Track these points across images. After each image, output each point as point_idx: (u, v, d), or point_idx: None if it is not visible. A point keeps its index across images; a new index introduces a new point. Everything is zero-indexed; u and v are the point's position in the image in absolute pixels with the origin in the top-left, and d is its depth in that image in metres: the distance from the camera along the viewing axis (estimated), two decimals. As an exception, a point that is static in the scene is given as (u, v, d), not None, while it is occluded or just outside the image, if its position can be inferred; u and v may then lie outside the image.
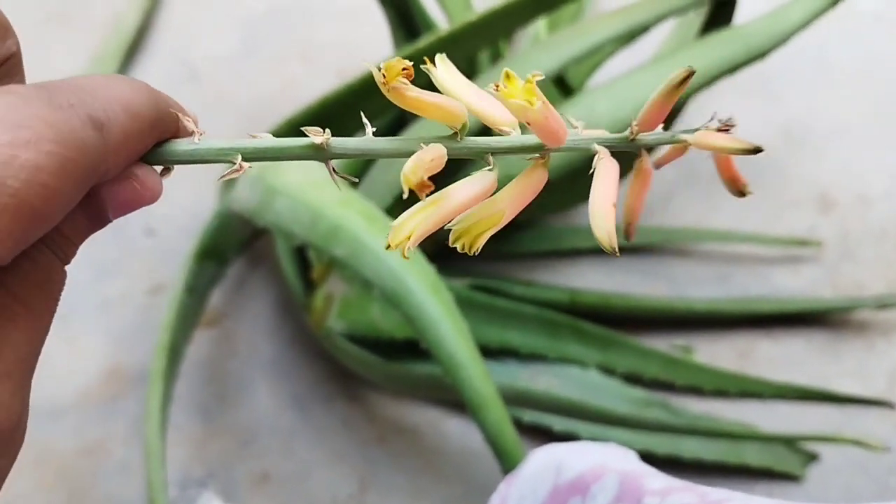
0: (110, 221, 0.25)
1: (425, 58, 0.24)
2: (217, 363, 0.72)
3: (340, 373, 0.71)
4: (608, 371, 0.69)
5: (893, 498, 0.66)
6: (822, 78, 0.86)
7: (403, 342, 0.65)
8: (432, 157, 0.24)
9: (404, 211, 0.24)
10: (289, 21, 0.92)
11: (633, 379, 0.70)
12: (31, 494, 0.66)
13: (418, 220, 0.23)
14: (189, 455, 0.68)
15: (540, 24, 0.76)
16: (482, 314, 0.67)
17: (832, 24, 0.71)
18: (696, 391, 0.70)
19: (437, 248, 0.68)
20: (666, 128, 0.70)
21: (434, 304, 0.49)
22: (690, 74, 0.24)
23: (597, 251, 0.77)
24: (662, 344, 0.73)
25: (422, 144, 0.24)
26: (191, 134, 0.25)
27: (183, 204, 0.80)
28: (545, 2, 0.62)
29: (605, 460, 0.41)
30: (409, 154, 0.24)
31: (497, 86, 0.23)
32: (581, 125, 0.25)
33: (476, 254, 0.24)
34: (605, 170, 0.25)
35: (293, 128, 0.67)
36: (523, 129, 0.25)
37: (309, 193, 0.52)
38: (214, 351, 0.73)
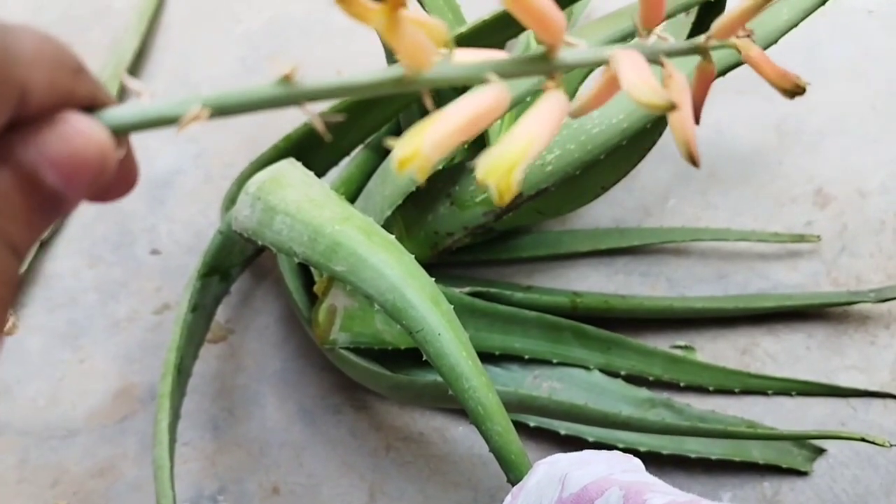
0: (59, 205, 0.20)
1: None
2: (225, 378, 0.73)
3: (346, 384, 0.72)
4: (611, 373, 0.70)
5: None
6: (816, 75, 0.86)
7: (407, 352, 0.66)
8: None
9: (402, 221, 0.23)
10: (286, 39, 0.93)
11: (636, 379, 0.70)
12: (46, 515, 0.67)
13: (424, 131, 0.20)
14: (201, 470, 0.69)
15: (530, 34, 0.77)
16: (483, 321, 0.67)
17: (824, 20, 0.71)
18: (699, 389, 0.71)
19: (437, 257, 0.69)
20: (660, 131, 0.70)
21: (434, 316, 0.49)
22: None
23: (596, 254, 0.77)
24: (664, 344, 0.73)
25: (404, 73, 0.21)
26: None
27: (187, 222, 0.81)
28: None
29: (610, 471, 0.41)
30: (391, 85, 0.21)
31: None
32: (583, 43, 0.23)
33: (511, 203, 0.22)
34: (675, 81, 0.24)
35: (292, 144, 0.68)
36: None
37: (307, 211, 0.53)
38: (222, 366, 0.74)
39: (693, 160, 0.23)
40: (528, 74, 0.22)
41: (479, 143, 0.68)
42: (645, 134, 0.63)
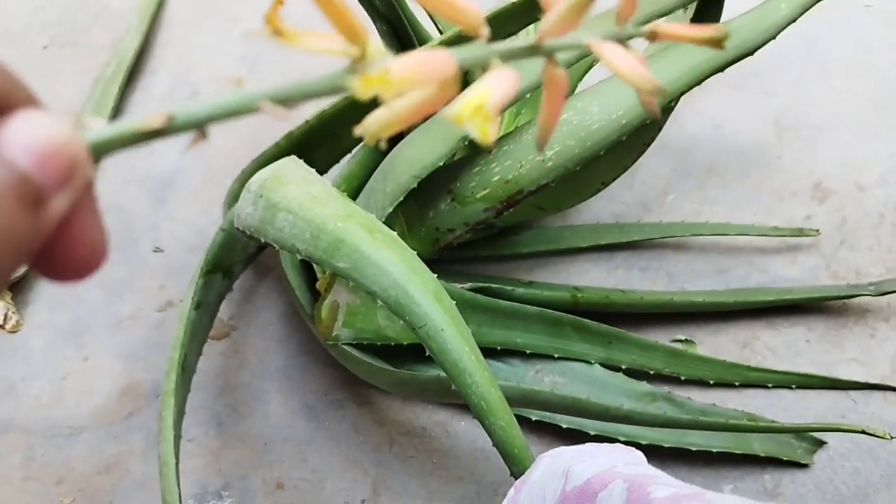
0: (39, 201, 0.19)
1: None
2: (228, 375, 0.74)
3: (349, 380, 0.72)
4: (612, 367, 0.70)
5: None
6: (814, 70, 0.87)
7: (410, 348, 0.66)
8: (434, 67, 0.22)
9: (404, 218, 0.24)
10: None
11: (637, 373, 0.71)
12: (52, 512, 0.68)
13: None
14: (205, 466, 0.70)
15: (531, 31, 0.77)
16: (485, 316, 0.68)
17: (822, 15, 0.71)
18: (700, 383, 0.71)
19: (438, 253, 0.69)
20: (659, 127, 0.71)
21: (437, 312, 0.50)
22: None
23: (596, 249, 0.78)
24: (665, 338, 0.74)
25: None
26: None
27: (189, 220, 0.81)
28: (535, 9, 0.63)
29: (613, 464, 0.42)
30: (337, 87, 0.23)
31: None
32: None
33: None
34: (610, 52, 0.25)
35: (294, 142, 0.68)
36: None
37: (310, 209, 0.53)
38: (225, 363, 0.74)
39: (659, 91, 0.24)
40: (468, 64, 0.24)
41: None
42: (644, 130, 0.63)
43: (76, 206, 0.21)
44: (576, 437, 0.68)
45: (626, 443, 0.66)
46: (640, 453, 0.46)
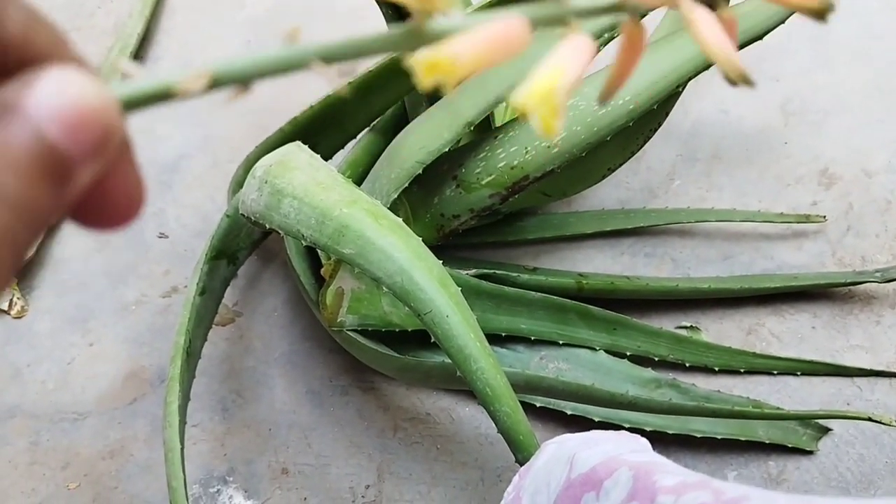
0: (66, 173, 0.18)
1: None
2: (233, 360, 0.74)
3: (354, 366, 0.72)
4: (617, 353, 0.70)
5: None
6: (820, 55, 0.86)
7: (414, 334, 0.66)
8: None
9: (409, 204, 0.22)
10: (289, 23, 0.93)
11: (642, 360, 0.71)
12: (56, 498, 0.68)
13: (449, 45, 0.19)
14: (210, 451, 0.70)
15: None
16: (490, 302, 0.68)
17: (828, 0, 0.71)
18: (704, 370, 0.71)
19: (443, 240, 0.69)
20: (666, 112, 0.70)
21: (442, 298, 0.50)
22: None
23: (601, 235, 0.78)
24: (670, 324, 0.73)
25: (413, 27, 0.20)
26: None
27: (194, 205, 0.81)
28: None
29: (618, 452, 0.42)
30: (402, 41, 0.20)
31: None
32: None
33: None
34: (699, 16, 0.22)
35: (299, 127, 0.68)
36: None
37: (315, 194, 0.53)
38: (230, 349, 0.74)
39: (745, 80, 0.21)
40: (542, 24, 0.21)
41: (485, 124, 0.68)
42: (651, 115, 0.63)
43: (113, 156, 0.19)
44: (580, 423, 0.68)
45: (630, 429, 0.66)
46: (645, 440, 0.46)
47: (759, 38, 0.62)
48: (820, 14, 0.22)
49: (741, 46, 0.61)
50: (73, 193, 0.18)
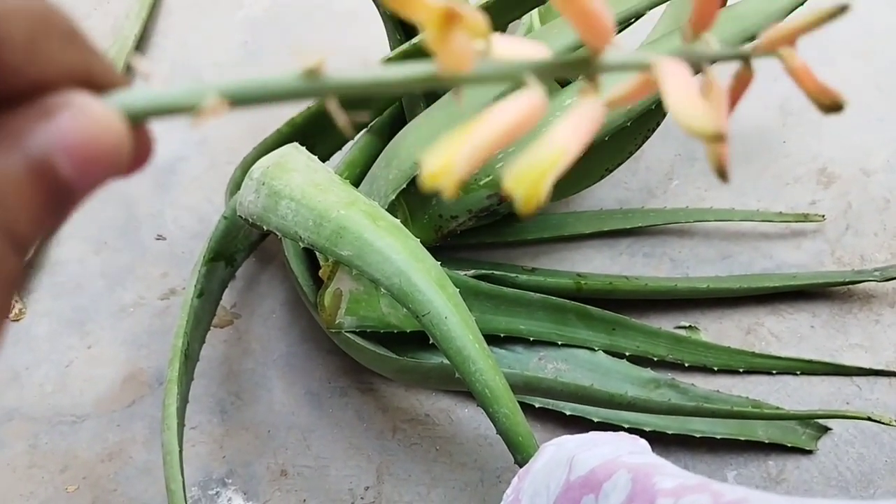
0: (68, 200, 0.17)
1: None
2: (232, 362, 0.74)
3: (353, 367, 0.72)
4: (616, 353, 0.70)
5: None
6: (820, 54, 0.86)
7: (413, 335, 0.66)
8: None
9: (406, 205, 0.22)
10: (287, 24, 0.92)
11: (641, 360, 0.70)
12: (54, 501, 0.68)
13: (455, 146, 0.18)
14: (209, 454, 0.70)
15: (533, 15, 0.77)
16: (489, 303, 0.68)
17: (826, -2, 0.71)
18: (704, 369, 0.71)
19: (442, 240, 0.69)
20: (664, 112, 0.70)
21: (441, 299, 0.50)
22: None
23: (600, 235, 0.77)
24: (668, 324, 0.73)
25: (438, 71, 0.19)
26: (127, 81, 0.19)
27: (191, 207, 0.81)
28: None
29: (617, 454, 0.41)
30: (424, 81, 0.19)
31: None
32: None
33: (541, 206, 0.19)
34: (715, 92, 0.20)
35: (296, 129, 0.68)
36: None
37: (312, 196, 0.53)
38: (228, 351, 0.74)
39: (723, 175, 0.20)
40: (568, 75, 0.21)
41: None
42: (649, 115, 0.63)
43: None
44: (579, 423, 0.68)
45: (629, 430, 0.66)
46: (644, 442, 0.46)
47: (756, 37, 0.62)
48: (829, 109, 0.22)
49: (739, 45, 0.61)
50: (71, 213, 0.18)
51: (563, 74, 0.21)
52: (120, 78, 0.19)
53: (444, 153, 0.18)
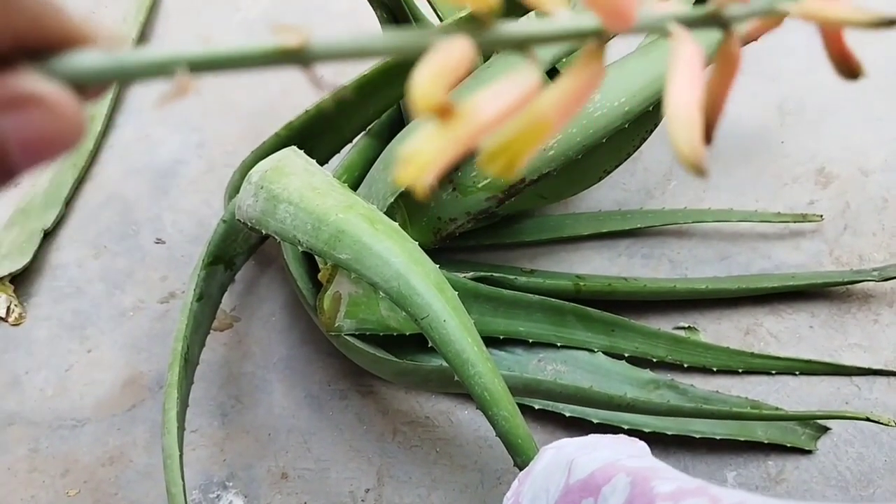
0: (8, 176, 0.17)
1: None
2: (232, 366, 0.74)
3: (352, 370, 0.72)
4: (615, 355, 0.70)
5: None
6: (817, 54, 0.86)
7: (412, 338, 0.66)
8: (454, 56, 0.17)
9: (405, 208, 0.20)
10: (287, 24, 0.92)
11: (640, 361, 0.70)
12: None
13: (437, 146, 0.17)
14: (210, 457, 0.70)
15: (532, 18, 0.77)
16: (488, 305, 0.68)
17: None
18: (703, 370, 0.71)
19: (440, 243, 0.69)
20: (662, 114, 0.70)
21: (439, 302, 0.50)
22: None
23: (598, 237, 0.77)
24: (667, 325, 0.73)
25: (433, 38, 0.18)
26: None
27: (190, 211, 0.81)
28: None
29: (616, 457, 0.41)
30: (416, 52, 0.18)
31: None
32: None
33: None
34: (686, 57, 0.18)
35: (294, 132, 0.68)
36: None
37: (310, 200, 0.53)
38: (228, 354, 0.74)
39: (698, 168, 0.17)
40: (707, 27, 0.19)
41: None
42: (647, 116, 0.63)
43: None
44: (579, 425, 0.68)
45: (629, 431, 0.66)
46: (643, 445, 0.46)
47: (755, 38, 0.62)
48: (852, 75, 0.21)
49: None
50: (4, 187, 0.18)
51: (702, 27, 0.19)
52: (85, 33, 0.18)
53: (423, 155, 0.17)
